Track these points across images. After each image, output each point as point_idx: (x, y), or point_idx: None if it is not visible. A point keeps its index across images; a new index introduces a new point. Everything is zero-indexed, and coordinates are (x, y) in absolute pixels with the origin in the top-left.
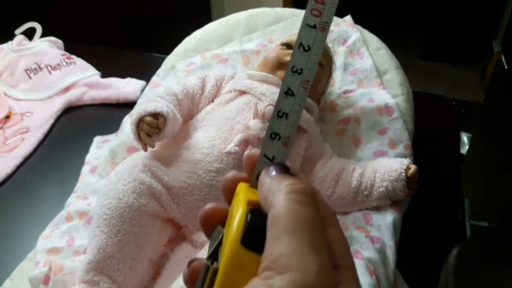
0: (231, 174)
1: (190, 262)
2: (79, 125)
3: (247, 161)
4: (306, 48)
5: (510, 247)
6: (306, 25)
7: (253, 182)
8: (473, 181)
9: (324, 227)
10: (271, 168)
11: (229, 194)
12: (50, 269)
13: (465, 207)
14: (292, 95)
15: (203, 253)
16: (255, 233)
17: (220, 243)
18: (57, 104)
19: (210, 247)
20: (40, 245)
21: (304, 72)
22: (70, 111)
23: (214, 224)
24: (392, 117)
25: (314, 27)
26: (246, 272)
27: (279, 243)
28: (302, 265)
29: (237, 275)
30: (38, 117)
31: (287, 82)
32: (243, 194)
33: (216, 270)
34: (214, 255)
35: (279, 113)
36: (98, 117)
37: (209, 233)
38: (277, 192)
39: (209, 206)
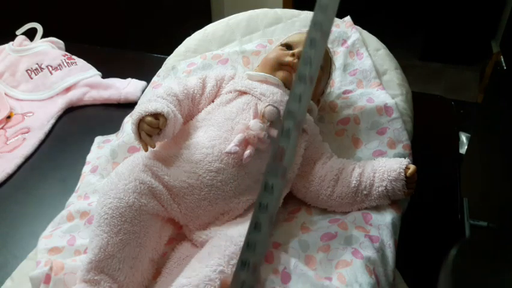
0: None
1: None
2: (80, 125)
3: None
4: None
5: (509, 246)
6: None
7: None
8: (472, 181)
9: None
10: None
11: None
12: (51, 268)
13: (464, 207)
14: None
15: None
16: None
17: None
18: (59, 104)
19: None
20: (41, 244)
21: None
22: (71, 111)
23: None
24: (391, 118)
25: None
26: None
27: None
28: None
29: None
30: (39, 117)
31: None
32: None
33: None
34: None
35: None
36: (99, 118)
37: None
38: None
39: None
